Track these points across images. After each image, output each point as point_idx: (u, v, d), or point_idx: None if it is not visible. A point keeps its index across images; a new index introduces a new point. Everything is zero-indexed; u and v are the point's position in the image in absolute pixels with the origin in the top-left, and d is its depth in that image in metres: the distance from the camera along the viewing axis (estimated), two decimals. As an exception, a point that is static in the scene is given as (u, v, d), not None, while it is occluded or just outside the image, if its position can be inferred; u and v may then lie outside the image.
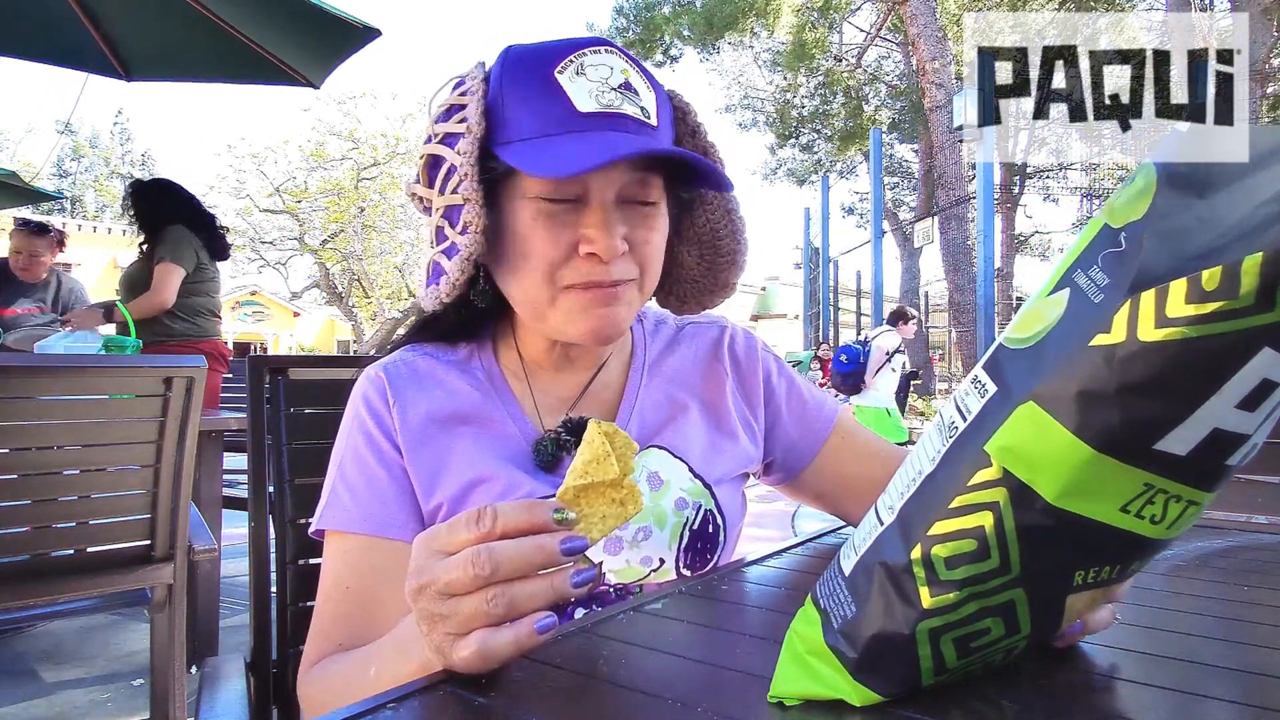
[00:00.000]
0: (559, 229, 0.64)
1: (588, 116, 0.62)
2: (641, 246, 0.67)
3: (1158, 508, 0.34)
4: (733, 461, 0.77)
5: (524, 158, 0.62)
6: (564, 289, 0.66)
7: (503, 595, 0.42)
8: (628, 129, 0.63)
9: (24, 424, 1.37)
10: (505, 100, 0.65)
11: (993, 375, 0.37)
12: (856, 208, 21.14)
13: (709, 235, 0.77)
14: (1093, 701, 0.41)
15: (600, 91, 0.63)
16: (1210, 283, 0.29)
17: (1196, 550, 0.77)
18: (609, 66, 0.64)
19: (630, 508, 0.46)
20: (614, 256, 0.64)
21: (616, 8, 17.43)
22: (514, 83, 0.65)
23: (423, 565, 0.45)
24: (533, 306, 0.68)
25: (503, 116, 0.65)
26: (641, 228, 0.67)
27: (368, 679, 0.54)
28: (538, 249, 0.64)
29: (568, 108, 0.63)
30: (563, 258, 0.65)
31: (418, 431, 0.70)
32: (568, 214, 0.64)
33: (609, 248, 0.63)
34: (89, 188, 37.44)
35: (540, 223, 0.64)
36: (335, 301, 19.60)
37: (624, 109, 0.64)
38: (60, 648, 2.33)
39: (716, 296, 0.80)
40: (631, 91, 0.65)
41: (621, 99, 0.64)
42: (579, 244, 0.64)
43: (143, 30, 3.19)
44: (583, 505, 0.46)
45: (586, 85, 0.63)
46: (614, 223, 0.64)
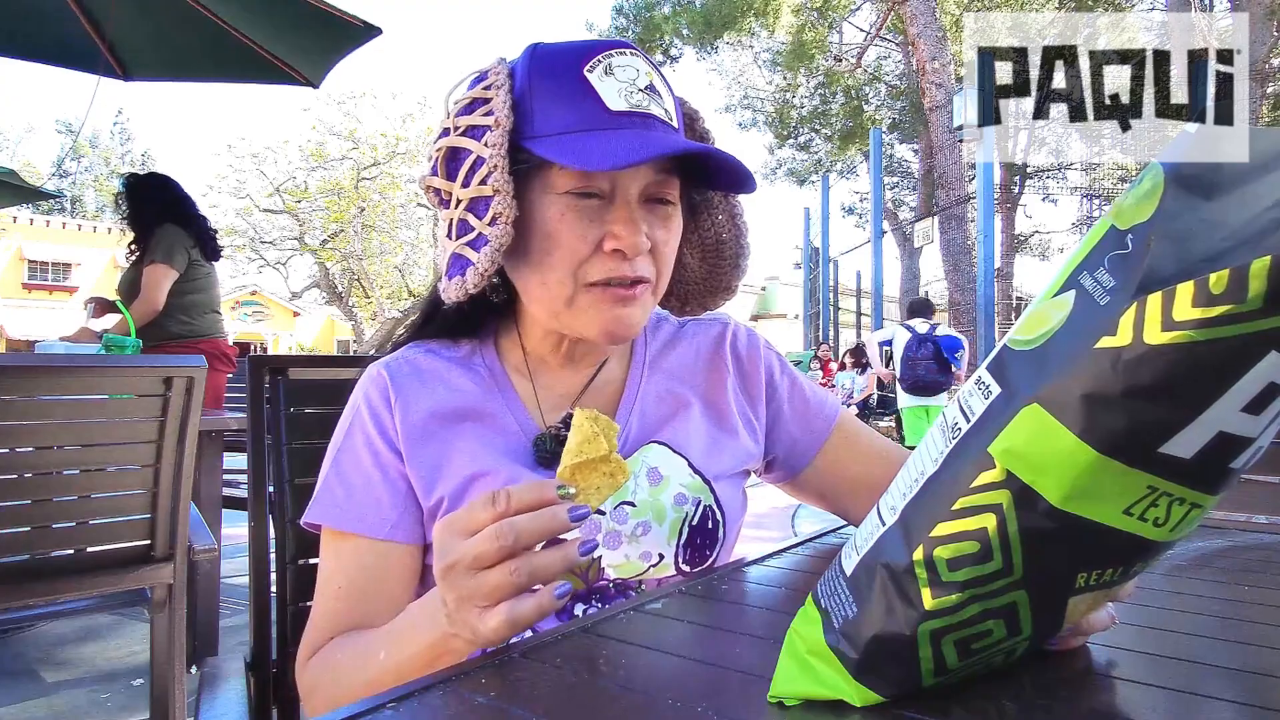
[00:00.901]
0: (587, 224, 0.65)
1: (619, 115, 0.64)
2: (661, 247, 0.68)
3: (1161, 510, 0.34)
4: (733, 458, 0.77)
5: (561, 151, 0.63)
6: (586, 286, 0.66)
7: (525, 565, 0.47)
8: (656, 128, 0.65)
9: (24, 424, 1.37)
10: (534, 95, 0.65)
11: (997, 376, 0.37)
12: (856, 208, 21.14)
13: (713, 239, 0.78)
14: (1093, 701, 0.41)
15: (629, 91, 0.65)
16: (1218, 286, 0.29)
17: (1196, 550, 0.77)
18: (635, 68, 0.66)
19: (620, 477, 0.52)
20: (640, 252, 0.65)
21: (616, 8, 17.43)
22: (543, 78, 0.66)
23: (448, 547, 0.50)
24: (552, 302, 0.68)
25: (530, 111, 0.65)
26: (662, 228, 0.68)
27: (377, 662, 0.57)
28: (565, 243, 0.65)
29: (599, 105, 0.64)
30: (588, 253, 0.66)
31: (420, 429, 0.71)
32: (595, 210, 0.65)
33: (634, 244, 0.64)
34: (89, 187, 37.43)
35: (569, 217, 0.65)
36: (335, 301, 19.60)
37: (651, 109, 0.65)
38: (60, 648, 2.33)
39: (717, 299, 0.81)
40: (656, 94, 0.67)
41: (649, 100, 0.66)
42: (604, 240, 0.65)
43: (141, 30, 3.19)
44: (579, 481, 0.52)
45: (615, 85, 0.64)
46: (639, 220, 0.65)
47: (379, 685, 0.54)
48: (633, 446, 0.74)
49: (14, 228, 24.01)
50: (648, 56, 0.68)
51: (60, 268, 25.31)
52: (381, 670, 0.56)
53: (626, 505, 0.70)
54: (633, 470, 0.72)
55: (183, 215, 2.94)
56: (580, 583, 0.69)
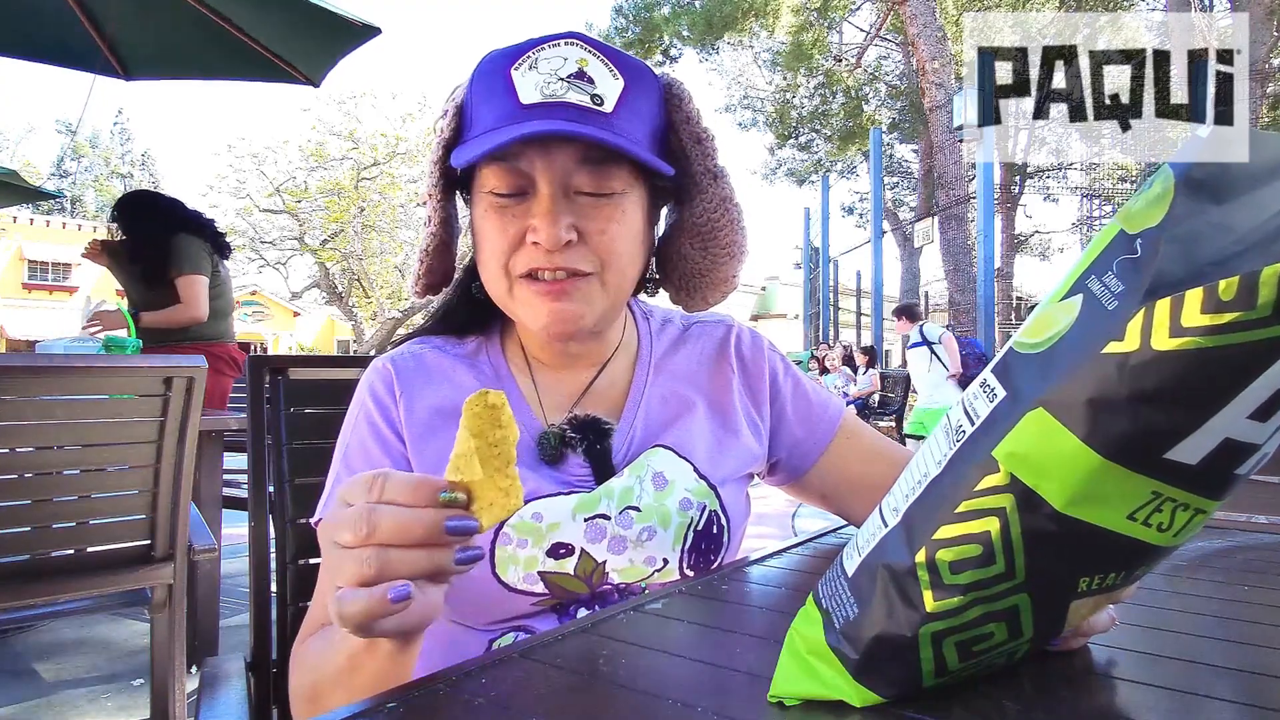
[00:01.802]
0: (508, 221, 0.66)
1: (529, 108, 0.64)
2: (597, 236, 0.66)
3: (1165, 516, 0.34)
4: (738, 461, 0.77)
5: (461, 151, 0.65)
6: (519, 279, 0.67)
7: (375, 558, 0.43)
8: (564, 116, 0.63)
9: (24, 424, 1.37)
10: (473, 101, 0.68)
11: (1002, 380, 0.37)
12: (856, 208, 21.16)
13: (707, 226, 0.76)
14: (1093, 701, 0.41)
15: (546, 82, 0.64)
16: (1227, 293, 0.29)
17: (1196, 550, 0.77)
18: (562, 58, 0.65)
19: (513, 499, 0.45)
20: (557, 244, 0.64)
21: (616, 8, 17.43)
22: (480, 82, 0.67)
23: (333, 511, 0.46)
24: (498, 298, 0.71)
25: (470, 117, 0.68)
26: (595, 218, 0.66)
27: (330, 645, 0.54)
28: (490, 240, 0.67)
29: (513, 101, 0.64)
30: (512, 247, 0.67)
31: (424, 423, 0.71)
32: (517, 206, 0.66)
33: (550, 236, 0.64)
34: (89, 188, 37.44)
35: (491, 215, 0.67)
36: (335, 301, 19.59)
37: (566, 97, 0.64)
38: (60, 648, 2.33)
39: (721, 288, 0.80)
40: (583, 80, 0.65)
41: (567, 88, 0.64)
42: (527, 234, 0.66)
43: (141, 29, 3.19)
44: (474, 489, 0.45)
45: (535, 78, 0.65)
46: (559, 212, 0.65)
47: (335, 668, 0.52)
48: (638, 449, 0.74)
49: (14, 228, 24.04)
50: (594, 42, 0.67)
51: (60, 268, 25.33)
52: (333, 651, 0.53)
53: (631, 510, 0.70)
54: (638, 475, 0.72)
55: (190, 223, 2.93)
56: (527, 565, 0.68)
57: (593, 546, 0.68)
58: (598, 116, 0.64)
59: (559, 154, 0.64)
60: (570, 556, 0.68)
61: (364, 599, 0.42)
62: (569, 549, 0.68)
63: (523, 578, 0.67)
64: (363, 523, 0.43)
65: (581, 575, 0.68)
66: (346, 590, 0.43)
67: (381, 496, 0.44)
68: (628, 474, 0.72)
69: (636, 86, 0.67)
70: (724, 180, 0.74)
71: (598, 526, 0.69)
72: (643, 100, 0.68)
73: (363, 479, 0.45)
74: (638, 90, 0.67)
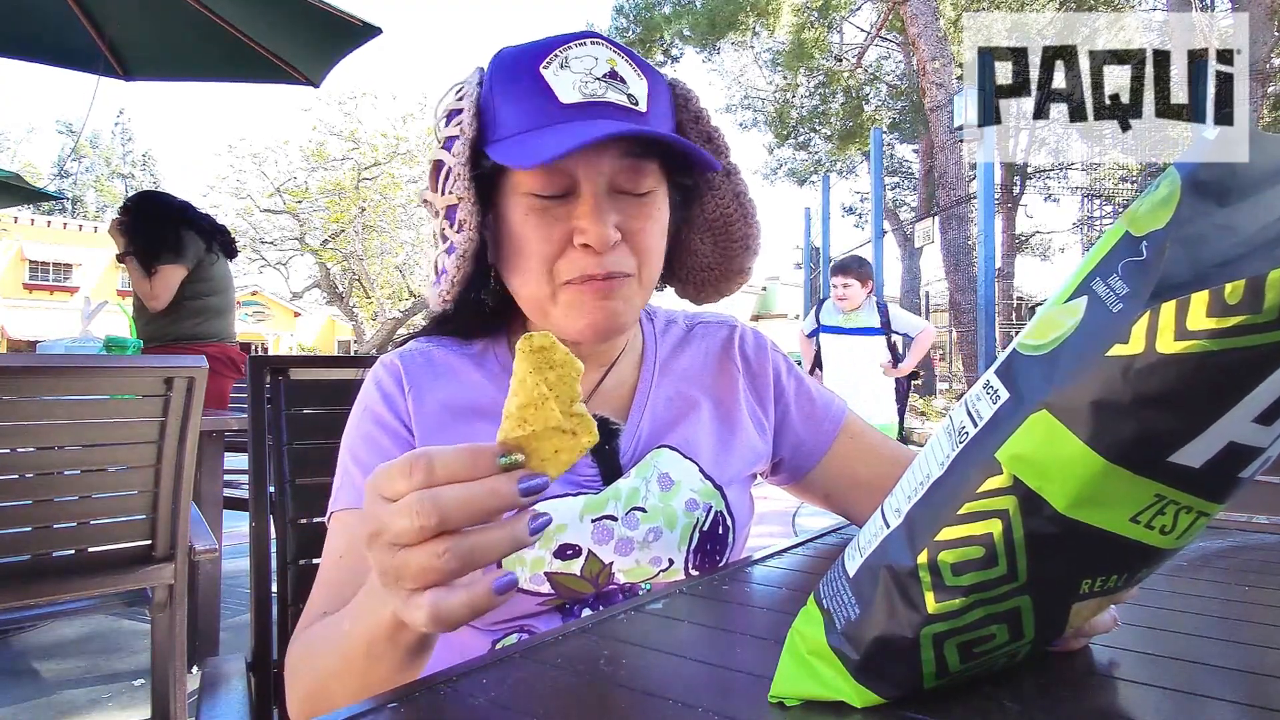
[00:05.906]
0: (551, 223, 0.65)
1: (570, 107, 0.63)
2: (637, 235, 0.67)
3: (1168, 518, 0.34)
4: (742, 461, 0.77)
5: (507, 152, 0.63)
6: (562, 285, 0.66)
7: (455, 548, 0.38)
8: (612, 116, 0.63)
9: (25, 424, 1.37)
10: (495, 100, 0.66)
11: (1005, 381, 0.37)
12: (857, 208, 21.14)
13: (720, 221, 0.77)
14: (1093, 701, 0.41)
15: (584, 82, 0.64)
16: (1233, 296, 0.29)
17: (1196, 550, 0.77)
18: (593, 57, 0.65)
19: (585, 437, 0.41)
20: (607, 245, 0.64)
21: (616, 8, 17.40)
22: (502, 82, 0.66)
23: (371, 510, 0.41)
24: (535, 303, 0.69)
25: (493, 116, 0.66)
26: (636, 217, 0.66)
27: (341, 634, 0.51)
28: (532, 245, 0.65)
29: (551, 100, 0.63)
30: (557, 252, 0.65)
31: (434, 419, 0.70)
32: (559, 208, 0.65)
33: (601, 236, 0.63)
34: (90, 188, 37.45)
35: (533, 218, 0.65)
36: (336, 302, 19.57)
37: (607, 97, 0.64)
38: (60, 648, 2.33)
39: (733, 282, 0.80)
40: (617, 80, 0.65)
41: (606, 88, 0.64)
42: (573, 236, 0.65)
43: (142, 29, 3.19)
44: (531, 444, 0.41)
45: (570, 77, 0.64)
46: (605, 211, 0.64)
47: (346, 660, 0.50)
48: (643, 449, 0.74)
49: (15, 228, 24.03)
50: (614, 42, 0.67)
51: (61, 268, 25.34)
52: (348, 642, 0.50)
53: (638, 511, 0.70)
54: (644, 475, 0.72)
55: (189, 220, 2.94)
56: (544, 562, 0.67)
57: (600, 548, 0.68)
58: (639, 116, 0.65)
59: (605, 154, 0.64)
60: (577, 558, 0.68)
61: (464, 598, 0.39)
62: (576, 550, 0.68)
63: (529, 579, 0.67)
64: (424, 512, 0.37)
65: (588, 576, 0.68)
66: (434, 593, 0.39)
67: (432, 479, 0.39)
68: (634, 475, 0.72)
69: (656, 87, 0.68)
70: (736, 176, 0.76)
71: (605, 528, 0.69)
72: (662, 100, 0.69)
73: (397, 465, 0.40)
74: (656, 90, 0.68)
